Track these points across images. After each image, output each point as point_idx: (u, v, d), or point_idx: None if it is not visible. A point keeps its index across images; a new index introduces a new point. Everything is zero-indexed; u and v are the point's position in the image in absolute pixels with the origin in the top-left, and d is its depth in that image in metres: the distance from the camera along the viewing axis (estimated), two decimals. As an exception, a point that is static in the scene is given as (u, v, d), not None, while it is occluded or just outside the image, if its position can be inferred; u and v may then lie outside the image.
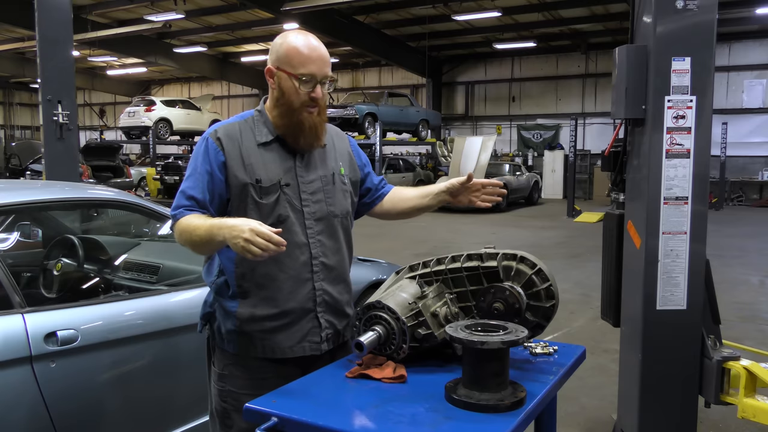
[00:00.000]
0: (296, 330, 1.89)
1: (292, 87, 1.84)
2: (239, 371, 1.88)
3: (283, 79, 1.84)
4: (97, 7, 18.21)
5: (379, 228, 12.07)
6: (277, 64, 1.85)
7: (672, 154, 2.70)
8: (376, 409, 1.53)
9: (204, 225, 1.75)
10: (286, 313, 1.87)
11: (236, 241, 1.62)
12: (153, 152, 21.57)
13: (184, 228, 1.79)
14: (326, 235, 1.93)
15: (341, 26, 18.48)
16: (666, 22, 2.65)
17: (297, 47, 1.83)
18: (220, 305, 1.91)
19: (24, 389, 2.18)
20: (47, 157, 6.51)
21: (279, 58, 1.85)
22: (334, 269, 1.95)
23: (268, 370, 1.87)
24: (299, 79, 1.82)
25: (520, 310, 1.82)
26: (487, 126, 23.88)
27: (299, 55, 1.82)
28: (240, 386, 1.85)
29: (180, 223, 1.82)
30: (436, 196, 2.12)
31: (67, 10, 6.59)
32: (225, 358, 1.90)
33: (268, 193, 1.85)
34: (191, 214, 1.82)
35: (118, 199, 3.10)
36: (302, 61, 1.82)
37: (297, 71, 1.82)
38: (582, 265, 8.66)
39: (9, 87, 32.41)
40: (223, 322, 1.90)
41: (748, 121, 19.06)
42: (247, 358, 1.88)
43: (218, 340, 1.92)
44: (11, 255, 3.34)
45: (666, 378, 2.79)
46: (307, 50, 1.83)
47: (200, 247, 1.80)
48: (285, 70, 1.84)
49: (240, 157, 1.85)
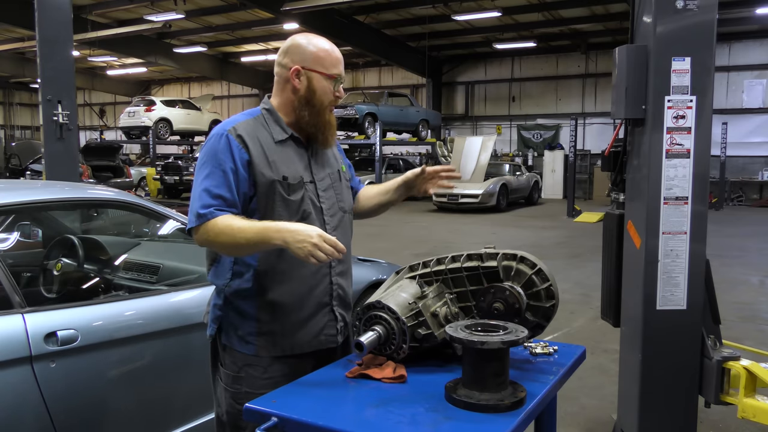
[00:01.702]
0: (314, 324, 1.92)
1: (325, 87, 1.90)
2: (257, 372, 1.87)
3: (315, 79, 1.89)
4: (97, 7, 18.21)
5: (379, 228, 12.07)
6: (305, 65, 1.89)
7: (672, 154, 2.70)
8: (376, 409, 1.53)
9: (254, 227, 1.73)
10: (306, 308, 1.90)
11: (302, 245, 1.65)
12: (153, 152, 21.57)
13: (222, 229, 1.75)
14: (340, 230, 1.97)
15: (341, 26, 18.48)
16: (666, 22, 2.65)
17: (327, 49, 1.92)
18: (236, 307, 1.89)
19: (24, 389, 2.18)
20: (47, 157, 6.51)
21: (306, 59, 1.89)
22: (345, 263, 2.02)
23: (285, 367, 1.88)
24: (334, 78, 1.91)
25: (520, 310, 1.82)
26: (487, 126, 23.88)
27: (330, 56, 1.91)
28: (258, 386, 1.83)
29: (215, 223, 1.76)
30: (395, 191, 2.16)
31: (67, 10, 6.58)
32: (240, 360, 1.88)
33: (294, 190, 1.88)
34: (225, 214, 1.78)
35: (118, 199, 3.10)
36: (333, 62, 1.92)
37: (330, 71, 1.90)
38: (582, 265, 8.66)
39: (9, 87, 32.40)
40: (240, 324, 1.88)
41: (748, 121, 19.05)
42: (265, 358, 1.87)
43: (233, 342, 1.90)
44: (11, 255, 3.34)
45: (666, 378, 2.79)
46: (334, 52, 1.93)
47: (243, 248, 1.77)
48: (317, 71, 1.89)
49: (263, 154, 1.85)
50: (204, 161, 1.84)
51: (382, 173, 17.67)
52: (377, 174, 17.39)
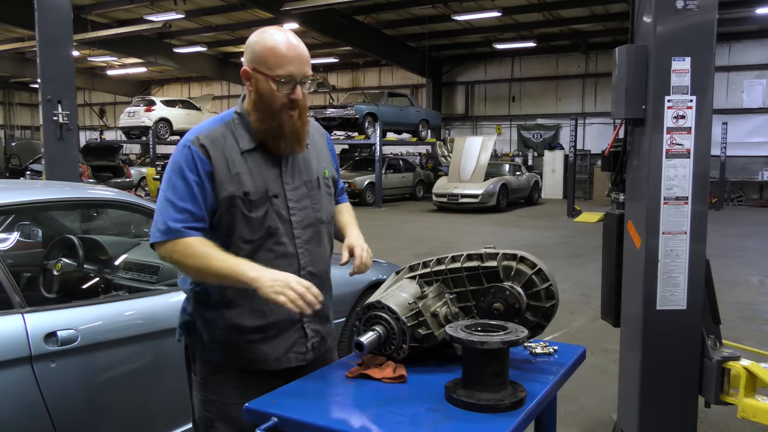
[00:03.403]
0: (282, 341, 1.83)
1: (269, 89, 1.72)
2: (223, 380, 1.81)
3: (260, 81, 1.72)
4: (97, 7, 18.21)
5: (379, 228, 12.08)
6: (252, 65, 1.73)
7: (672, 154, 2.70)
8: (376, 409, 1.53)
9: (228, 262, 1.64)
10: (273, 324, 1.81)
11: (275, 284, 1.58)
12: (153, 152, 21.56)
13: (195, 252, 1.66)
14: (314, 243, 1.88)
15: (341, 26, 18.48)
16: (666, 22, 2.65)
17: (273, 46, 1.70)
18: (201, 314, 1.83)
19: (24, 389, 2.17)
20: (47, 157, 6.51)
21: (254, 59, 1.72)
22: (320, 277, 1.90)
23: (252, 380, 1.80)
24: (277, 81, 1.71)
25: (520, 310, 1.82)
26: (487, 126, 23.88)
27: (276, 55, 1.70)
28: (224, 395, 1.79)
29: (188, 244, 1.67)
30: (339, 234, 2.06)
31: (67, 10, 6.59)
32: (207, 367, 1.83)
33: (257, 207, 1.76)
34: (196, 236, 1.69)
35: (118, 199, 3.10)
36: (279, 62, 1.70)
37: (274, 72, 1.70)
38: (582, 265, 8.66)
39: (9, 87, 32.40)
40: (205, 331, 1.82)
41: (748, 121, 19.05)
42: (231, 368, 1.81)
43: (199, 348, 1.85)
44: (11, 255, 3.33)
45: (666, 378, 2.79)
46: (284, 49, 1.70)
47: (209, 277, 1.68)
48: (261, 72, 1.72)
49: (226, 166, 1.73)
50: (169, 174, 1.74)
51: (382, 173, 17.68)
52: (377, 174, 17.39)
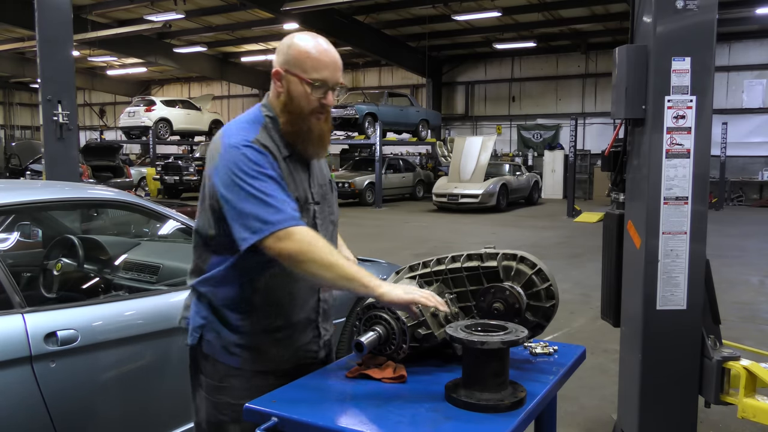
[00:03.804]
0: (297, 340, 1.86)
1: (302, 92, 1.74)
2: (240, 383, 1.80)
3: (293, 83, 1.75)
4: (97, 7, 18.21)
5: (379, 228, 12.08)
6: (286, 67, 1.75)
7: (672, 154, 2.70)
8: (376, 409, 1.53)
9: (350, 264, 1.63)
10: (293, 324, 1.84)
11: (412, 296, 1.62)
12: (153, 152, 21.58)
13: (323, 254, 1.61)
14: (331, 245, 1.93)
15: (341, 26, 18.48)
16: (666, 22, 2.65)
17: (309, 50, 1.74)
18: (221, 317, 1.81)
19: (24, 389, 2.18)
20: (47, 157, 6.51)
21: (289, 61, 1.75)
22: None
23: (267, 380, 1.80)
24: (311, 84, 1.73)
25: (520, 310, 1.82)
26: (487, 126, 23.88)
27: (312, 59, 1.73)
28: (240, 397, 1.77)
29: (311, 237, 1.63)
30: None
31: (67, 10, 6.58)
32: (223, 370, 1.82)
33: (303, 214, 1.75)
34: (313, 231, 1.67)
35: (118, 199, 3.10)
36: (315, 66, 1.73)
37: (309, 76, 1.73)
38: (582, 265, 8.66)
39: (9, 87, 32.41)
40: (223, 334, 1.81)
41: (748, 121, 19.05)
42: (248, 370, 1.81)
43: (215, 352, 1.82)
44: (11, 255, 3.33)
45: (666, 378, 2.79)
46: (320, 54, 1.75)
47: (327, 273, 1.61)
48: (296, 74, 1.74)
49: (280, 172, 1.73)
50: (244, 173, 1.64)
51: (382, 173, 17.68)
52: (377, 174, 17.39)
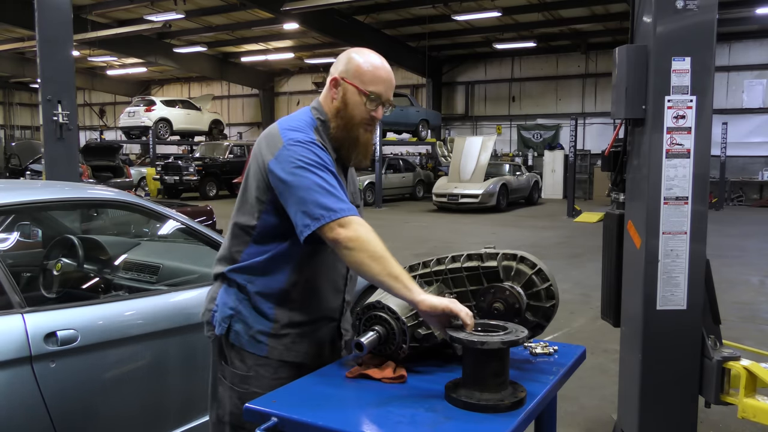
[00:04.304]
0: (321, 337, 1.93)
1: (358, 102, 1.84)
2: (267, 372, 1.84)
3: (350, 92, 1.84)
4: (97, 7, 18.22)
5: (379, 228, 12.04)
6: (345, 76, 1.84)
7: (672, 154, 2.70)
8: (376, 409, 1.53)
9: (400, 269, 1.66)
10: (317, 320, 1.91)
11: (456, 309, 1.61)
12: (153, 152, 21.58)
13: (377, 247, 1.66)
14: None
15: (341, 26, 18.48)
16: (666, 22, 2.65)
17: (372, 64, 1.85)
18: (255, 305, 1.85)
19: (24, 389, 2.18)
20: (47, 157, 6.50)
21: (349, 70, 1.84)
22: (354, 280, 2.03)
23: (293, 372, 1.85)
24: (368, 95, 1.83)
25: (520, 310, 1.82)
26: (487, 126, 23.88)
27: (371, 73, 1.84)
28: (266, 387, 1.81)
29: (368, 228, 1.69)
30: None
31: (67, 10, 6.58)
32: (250, 360, 1.86)
33: None
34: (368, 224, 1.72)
35: (118, 199, 3.10)
36: (374, 79, 1.84)
37: (367, 87, 1.83)
38: (582, 265, 8.66)
39: (9, 87, 32.41)
40: (254, 323, 1.85)
41: (748, 121, 19.06)
42: (274, 360, 1.86)
43: (243, 341, 1.86)
44: (11, 255, 3.33)
45: (666, 378, 2.79)
46: (379, 70, 1.85)
47: (373, 271, 1.65)
48: (354, 84, 1.83)
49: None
50: (310, 165, 1.71)
51: (382, 173, 17.68)
52: (377, 174, 17.38)
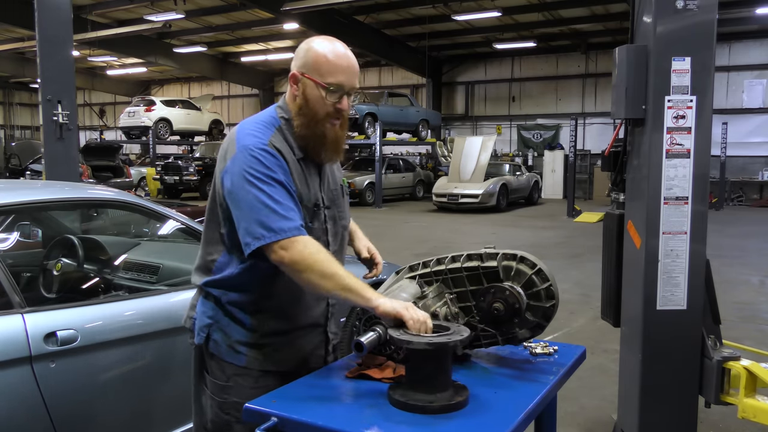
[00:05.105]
0: (305, 343, 1.88)
1: (318, 96, 1.74)
2: (247, 382, 1.79)
3: (309, 87, 1.75)
4: (97, 7, 18.22)
5: (379, 228, 12.09)
6: (303, 70, 1.75)
7: (672, 154, 2.69)
8: (376, 409, 1.53)
9: (351, 275, 1.62)
10: (301, 328, 1.86)
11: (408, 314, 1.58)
12: (153, 152, 21.58)
13: (324, 265, 1.61)
14: (340, 250, 1.93)
15: (341, 26, 18.47)
16: (666, 22, 2.65)
17: (327, 54, 1.73)
18: (230, 314, 1.81)
19: (24, 389, 2.18)
20: (47, 157, 6.50)
21: (306, 64, 1.75)
22: None
23: (275, 380, 1.80)
24: (326, 88, 1.73)
25: (520, 310, 1.82)
26: (487, 126, 23.88)
27: (329, 63, 1.73)
28: (246, 396, 1.75)
29: (312, 247, 1.63)
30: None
31: (67, 10, 6.58)
32: (230, 370, 1.81)
33: (314, 218, 1.79)
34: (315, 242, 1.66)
35: (118, 199, 3.10)
36: (331, 70, 1.73)
37: (325, 80, 1.73)
38: (582, 265, 8.65)
39: (9, 87, 32.42)
40: (231, 332, 1.80)
41: (748, 121, 19.06)
42: (254, 370, 1.81)
43: (221, 351, 1.82)
44: (11, 255, 3.33)
45: (666, 378, 2.79)
46: (336, 59, 1.74)
47: (329, 284, 1.62)
48: (312, 78, 1.74)
49: (293, 176, 1.73)
50: (254, 178, 1.65)
51: (382, 173, 17.68)
52: (377, 174, 17.39)
